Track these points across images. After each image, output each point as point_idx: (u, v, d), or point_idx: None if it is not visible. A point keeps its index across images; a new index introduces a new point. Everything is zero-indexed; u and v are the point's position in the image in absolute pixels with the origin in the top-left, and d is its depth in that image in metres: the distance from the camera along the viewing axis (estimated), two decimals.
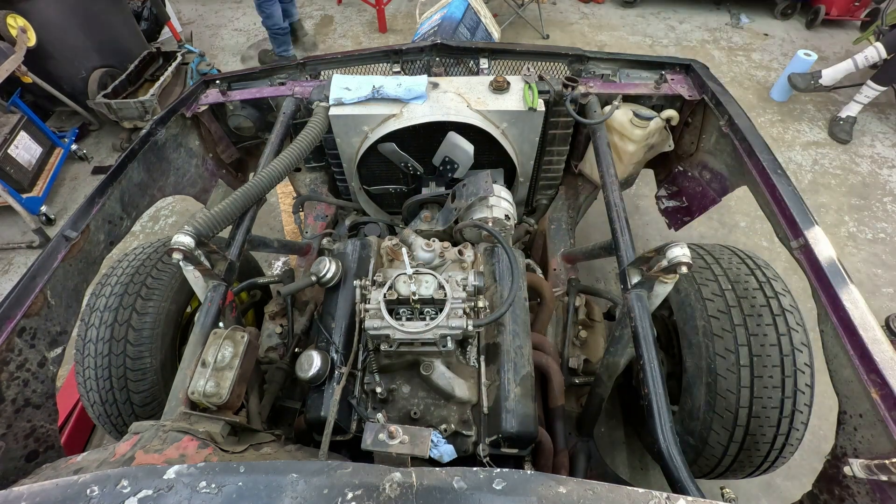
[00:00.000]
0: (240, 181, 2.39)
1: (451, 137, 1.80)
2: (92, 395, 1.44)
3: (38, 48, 3.35)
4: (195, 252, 1.24)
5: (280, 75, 2.11)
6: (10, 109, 3.29)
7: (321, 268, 1.48)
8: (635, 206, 3.11)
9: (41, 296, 1.29)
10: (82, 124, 3.92)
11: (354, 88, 1.84)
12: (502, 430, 1.24)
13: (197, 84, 2.08)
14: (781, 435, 1.25)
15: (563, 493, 0.69)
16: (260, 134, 2.20)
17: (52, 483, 0.72)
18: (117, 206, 1.64)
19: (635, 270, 1.33)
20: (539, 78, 1.87)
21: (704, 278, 1.42)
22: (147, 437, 0.95)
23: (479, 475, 0.71)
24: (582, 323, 1.77)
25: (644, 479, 2.02)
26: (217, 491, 0.68)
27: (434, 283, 1.27)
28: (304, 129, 1.69)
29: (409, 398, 1.37)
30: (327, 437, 1.11)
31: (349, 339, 1.38)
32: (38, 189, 3.22)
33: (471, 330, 1.23)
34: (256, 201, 1.49)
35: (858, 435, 1.09)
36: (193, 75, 4.09)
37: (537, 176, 2.19)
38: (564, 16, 5.57)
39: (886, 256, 2.84)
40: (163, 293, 1.55)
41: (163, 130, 1.89)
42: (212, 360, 1.12)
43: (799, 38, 5.18)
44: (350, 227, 2.17)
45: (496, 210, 1.78)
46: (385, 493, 0.68)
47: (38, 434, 1.27)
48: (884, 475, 0.99)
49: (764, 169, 1.51)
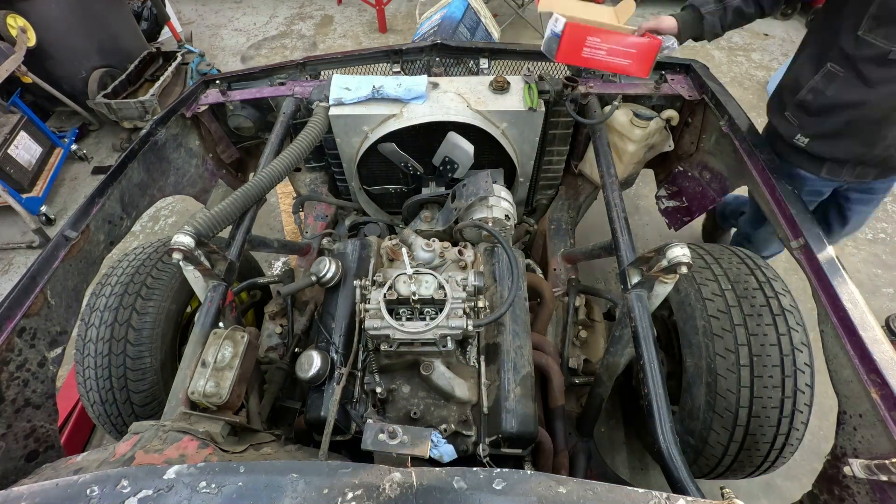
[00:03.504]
0: (240, 181, 2.39)
1: (451, 137, 1.80)
2: (92, 395, 1.44)
3: (38, 48, 3.36)
4: (195, 252, 1.24)
5: (280, 75, 2.11)
6: (10, 109, 3.29)
7: (321, 268, 1.48)
8: (635, 206, 3.10)
9: (41, 296, 1.29)
10: (82, 124, 3.92)
11: (354, 88, 1.84)
12: (502, 430, 1.24)
13: (197, 84, 2.08)
14: (781, 435, 1.25)
15: (563, 493, 0.69)
16: (260, 134, 2.20)
17: (52, 483, 0.72)
18: (117, 206, 1.64)
19: (635, 270, 1.33)
20: (539, 78, 1.87)
21: (704, 278, 1.42)
22: (147, 437, 0.95)
23: (479, 475, 0.71)
24: (582, 323, 1.77)
25: (644, 479, 2.02)
26: (217, 491, 0.68)
27: (434, 283, 1.27)
28: (304, 129, 1.69)
29: (409, 398, 1.37)
30: (327, 437, 1.11)
31: (349, 339, 1.38)
32: (38, 189, 3.22)
33: (471, 330, 1.23)
34: (256, 201, 1.49)
35: (858, 435, 1.09)
36: (193, 75, 4.09)
37: (537, 176, 2.19)
38: None
39: (886, 256, 2.83)
40: (163, 293, 1.55)
41: (163, 130, 1.89)
42: (212, 360, 1.12)
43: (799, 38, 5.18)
44: (350, 227, 2.17)
45: (496, 210, 1.78)
46: (385, 493, 0.68)
47: (38, 434, 1.27)
48: (884, 475, 0.99)
49: (764, 169, 1.51)
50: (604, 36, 1.56)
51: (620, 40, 1.56)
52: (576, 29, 1.56)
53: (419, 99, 1.80)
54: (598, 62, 1.61)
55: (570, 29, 1.56)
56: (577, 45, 1.58)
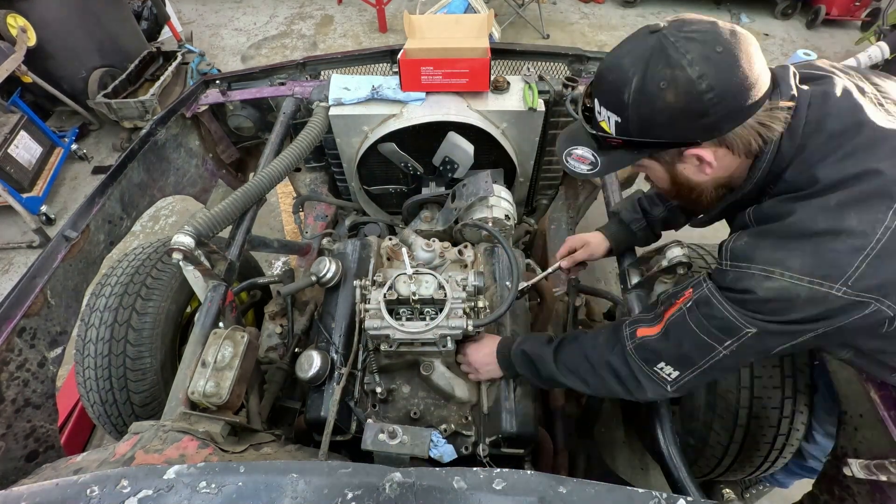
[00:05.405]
0: (240, 181, 2.39)
1: (451, 137, 1.80)
2: (92, 395, 1.44)
3: (38, 48, 3.35)
4: (195, 252, 1.24)
5: (280, 75, 2.11)
6: (10, 109, 3.29)
7: (321, 268, 1.48)
8: None
9: (41, 296, 1.29)
10: (82, 124, 3.92)
11: (354, 88, 1.84)
12: (502, 430, 1.24)
13: (197, 84, 2.07)
14: (782, 435, 1.25)
15: (563, 493, 0.69)
16: (260, 134, 2.20)
17: (52, 483, 0.72)
18: (117, 206, 1.63)
19: (635, 270, 1.33)
20: (539, 78, 1.87)
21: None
22: (147, 437, 0.95)
23: (479, 475, 0.71)
24: (582, 323, 1.77)
25: (644, 479, 2.02)
26: (217, 491, 0.68)
27: (434, 283, 1.27)
28: (304, 129, 1.69)
29: (409, 398, 1.37)
30: (327, 437, 1.11)
31: (349, 340, 1.38)
32: (39, 189, 3.22)
33: (471, 330, 1.23)
34: (256, 201, 1.49)
35: (858, 435, 1.09)
36: (193, 75, 4.08)
37: (537, 176, 2.19)
38: (564, 16, 5.57)
39: None
40: (163, 293, 1.55)
41: (163, 130, 1.89)
42: (212, 360, 1.12)
43: (799, 38, 5.19)
44: (350, 227, 2.17)
45: (496, 210, 1.78)
46: (385, 493, 0.68)
47: (38, 434, 1.27)
48: (883, 475, 0.99)
49: None
50: (436, 64, 1.72)
51: (454, 64, 1.71)
52: (409, 63, 1.73)
53: (419, 99, 1.80)
54: (438, 86, 1.79)
55: (403, 64, 1.73)
56: (415, 76, 1.76)
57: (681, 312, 0.91)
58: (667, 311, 0.95)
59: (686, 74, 0.75)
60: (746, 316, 0.80)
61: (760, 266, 0.78)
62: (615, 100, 0.82)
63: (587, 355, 1.07)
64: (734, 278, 0.82)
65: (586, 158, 0.95)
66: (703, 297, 0.87)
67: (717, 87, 0.75)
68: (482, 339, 1.33)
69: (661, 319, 0.95)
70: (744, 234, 0.85)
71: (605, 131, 0.87)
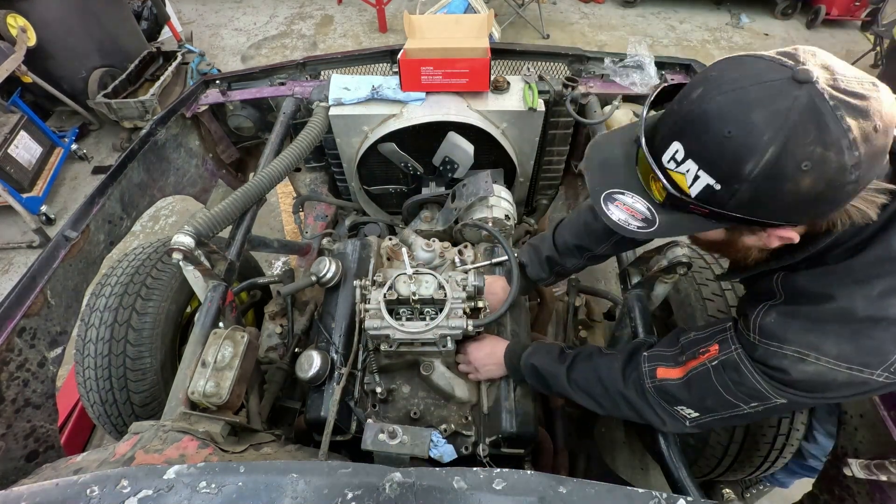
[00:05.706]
0: (240, 181, 2.39)
1: (451, 137, 1.80)
2: (92, 395, 1.44)
3: (38, 48, 3.36)
4: (195, 252, 1.24)
5: (280, 75, 2.11)
6: (10, 109, 3.29)
7: (321, 268, 1.48)
8: None
9: (41, 296, 1.29)
10: (82, 124, 3.92)
11: (354, 88, 1.84)
12: (502, 430, 1.24)
13: (197, 84, 2.07)
14: (781, 435, 1.25)
15: (563, 493, 0.69)
16: (260, 134, 2.20)
17: (52, 483, 0.72)
18: (117, 206, 1.63)
19: (635, 270, 1.33)
20: (539, 78, 1.87)
21: (704, 278, 1.42)
22: (147, 437, 0.95)
23: (479, 475, 0.71)
24: (582, 323, 1.77)
25: (644, 479, 2.02)
26: (217, 491, 0.68)
27: (434, 283, 1.27)
28: (304, 129, 1.69)
29: (409, 398, 1.37)
30: (327, 437, 1.11)
31: (349, 340, 1.38)
32: (39, 189, 3.23)
33: (471, 330, 1.23)
34: (256, 201, 1.49)
35: (858, 435, 1.09)
36: (193, 75, 4.09)
37: (537, 176, 2.19)
38: (564, 16, 5.57)
39: None
40: (163, 293, 1.55)
41: (163, 130, 1.89)
42: (212, 360, 1.12)
43: (799, 38, 5.19)
44: (350, 227, 2.17)
45: (496, 210, 1.78)
46: (385, 493, 0.68)
47: (38, 434, 1.27)
48: (883, 475, 0.99)
49: None
50: (436, 64, 1.71)
51: (454, 64, 1.71)
52: (409, 63, 1.72)
53: (419, 99, 1.80)
54: (438, 86, 1.78)
55: (403, 64, 1.73)
56: (415, 76, 1.75)
57: (705, 368, 0.84)
58: (689, 361, 0.89)
59: (841, 160, 0.57)
60: (778, 389, 0.75)
61: (794, 348, 0.72)
62: (727, 166, 0.62)
63: (601, 378, 1.02)
64: (764, 354, 0.76)
65: (639, 213, 0.74)
66: (732, 361, 0.80)
67: (862, 176, 0.58)
68: (482, 338, 1.33)
69: (682, 365, 0.89)
70: (773, 311, 0.78)
71: (681, 189, 0.68)
